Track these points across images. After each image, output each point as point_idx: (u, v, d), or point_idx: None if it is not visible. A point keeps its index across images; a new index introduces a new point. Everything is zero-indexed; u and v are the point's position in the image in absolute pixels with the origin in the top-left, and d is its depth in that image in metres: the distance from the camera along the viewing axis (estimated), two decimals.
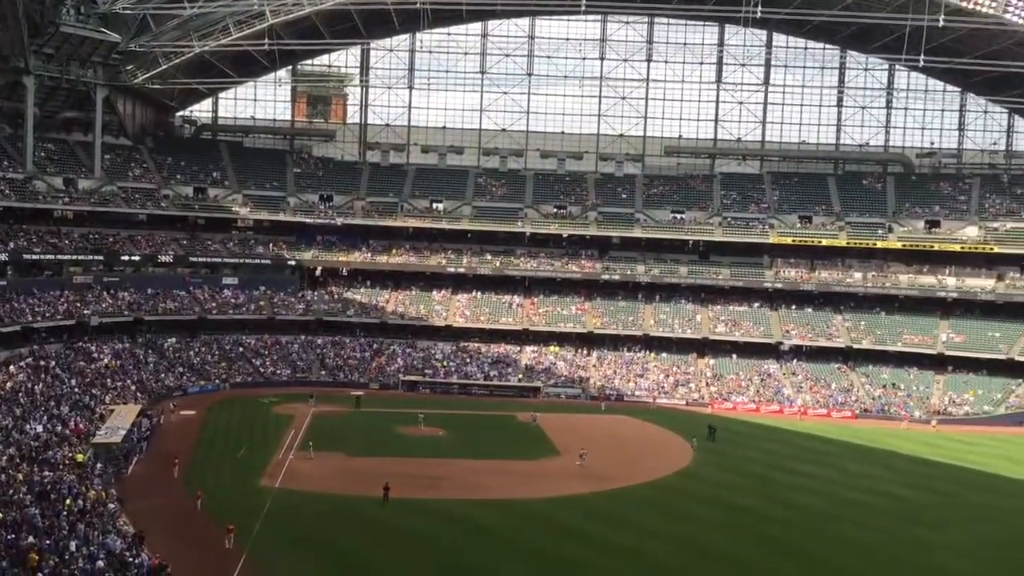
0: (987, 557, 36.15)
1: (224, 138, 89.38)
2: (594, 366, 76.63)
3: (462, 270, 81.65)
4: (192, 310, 74.30)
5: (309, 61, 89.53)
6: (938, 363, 74.68)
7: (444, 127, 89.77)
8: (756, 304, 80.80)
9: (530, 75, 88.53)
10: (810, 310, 79.91)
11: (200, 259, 78.53)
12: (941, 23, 63.86)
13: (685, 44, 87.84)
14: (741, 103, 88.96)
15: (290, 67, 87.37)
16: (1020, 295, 74.77)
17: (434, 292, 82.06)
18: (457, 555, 33.65)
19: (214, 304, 76.02)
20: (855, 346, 76.00)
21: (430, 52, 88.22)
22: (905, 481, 48.72)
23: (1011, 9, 62.63)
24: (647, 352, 78.15)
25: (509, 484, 44.80)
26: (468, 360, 76.19)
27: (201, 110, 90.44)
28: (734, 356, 77.40)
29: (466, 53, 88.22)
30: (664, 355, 77.89)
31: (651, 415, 65.05)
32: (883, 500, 44.58)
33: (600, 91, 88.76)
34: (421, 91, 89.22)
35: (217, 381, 68.88)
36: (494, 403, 67.21)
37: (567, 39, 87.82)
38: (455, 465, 48.31)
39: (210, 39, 69.29)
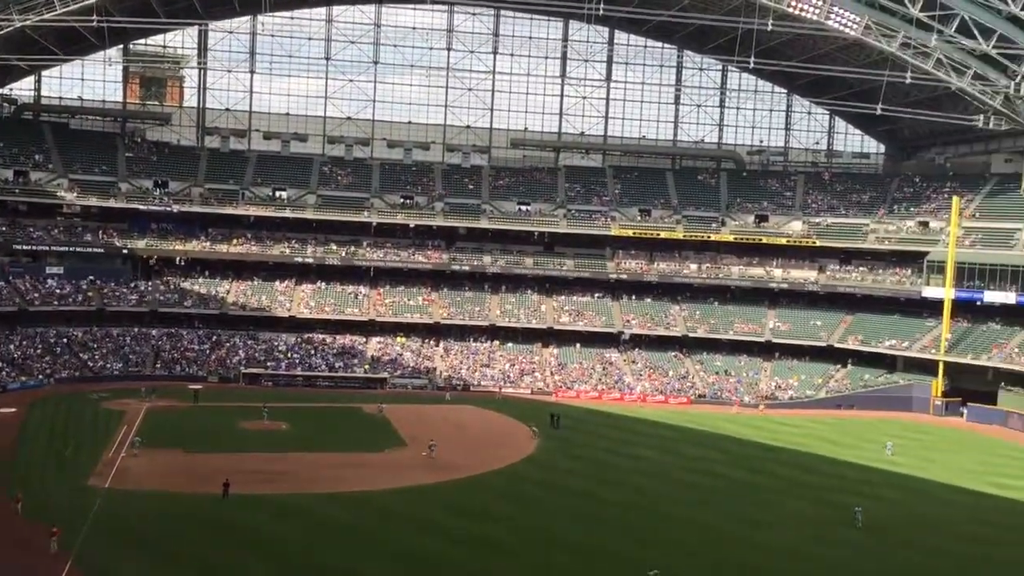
0: (804, 533, 38.42)
1: (48, 119, 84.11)
2: (441, 356, 76.78)
3: (307, 260, 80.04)
4: (12, 301, 69.70)
5: (142, 40, 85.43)
6: (766, 350, 78.94)
7: (288, 114, 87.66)
8: (599, 294, 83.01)
9: (376, 63, 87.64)
10: (649, 300, 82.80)
11: (22, 247, 73.73)
12: (770, 27, 67.27)
13: (531, 38, 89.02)
14: (585, 98, 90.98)
15: (121, 46, 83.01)
16: (840, 286, 79.87)
17: (277, 282, 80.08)
18: (303, 551, 32.99)
19: (37, 295, 71.60)
20: (691, 335, 79.30)
21: (272, 36, 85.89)
22: (735, 462, 51.27)
23: (832, 16, 66.60)
24: (493, 342, 78.97)
25: (356, 477, 44.32)
26: (313, 352, 74.82)
27: (22, 89, 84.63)
28: (577, 345, 79.26)
29: (310, 38, 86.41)
30: (510, 345, 78.91)
31: (497, 404, 65.79)
32: (715, 481, 46.77)
33: (447, 82, 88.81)
34: (263, 76, 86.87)
35: (40, 377, 64.98)
36: (339, 395, 66.34)
37: (414, 28, 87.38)
38: (300, 459, 47.39)
39: (32, 13, 64.90)
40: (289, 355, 73.80)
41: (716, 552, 35.32)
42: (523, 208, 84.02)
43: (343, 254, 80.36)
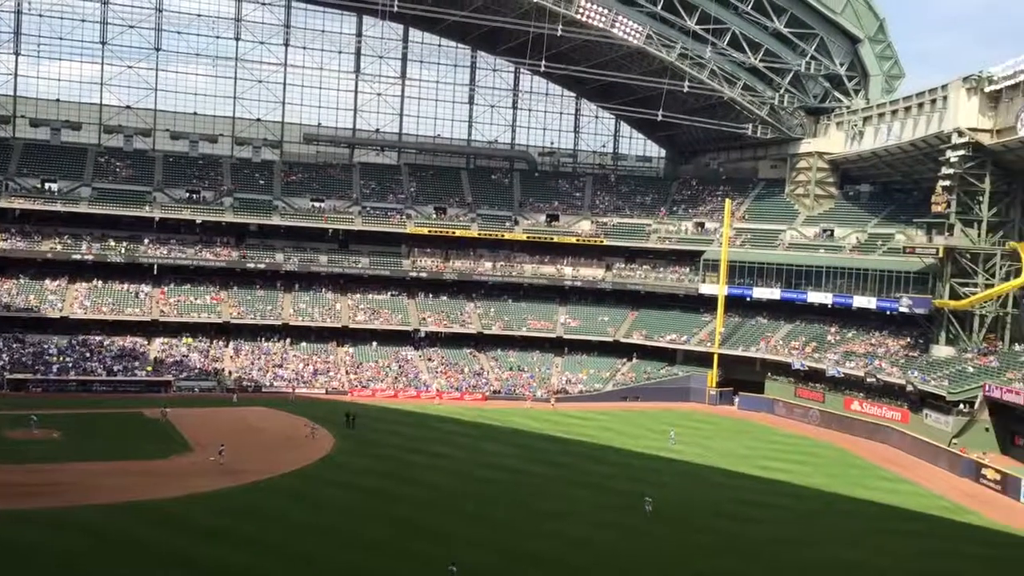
0: (594, 521, 40.05)
1: None
2: (231, 357, 74.00)
3: (82, 257, 74.80)
4: None
5: None
6: (557, 346, 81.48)
7: (58, 100, 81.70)
8: (394, 292, 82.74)
9: (158, 50, 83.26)
10: (445, 298, 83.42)
11: None
12: (560, 32, 69.64)
13: (323, 32, 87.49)
14: (380, 95, 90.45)
15: None
16: (625, 283, 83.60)
17: (47, 281, 74.29)
18: (79, 566, 30.86)
19: None
20: (486, 332, 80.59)
21: (40, 16, 79.72)
22: (529, 456, 52.59)
23: (617, 25, 69.65)
24: (286, 341, 76.97)
25: (138, 485, 41.85)
26: (88, 355, 70.06)
27: None
28: (374, 344, 78.67)
29: (84, 20, 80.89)
30: (304, 344, 77.18)
31: (290, 405, 64.15)
32: (509, 475, 47.81)
33: (236, 73, 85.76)
34: (30, 58, 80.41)
35: None
36: (119, 400, 62.59)
37: (199, 15, 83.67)
38: (75, 469, 44.26)
39: None
40: (61, 359, 68.73)
41: (510, 544, 36.10)
42: (317, 205, 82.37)
43: (122, 250, 75.71)
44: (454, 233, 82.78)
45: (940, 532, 41.63)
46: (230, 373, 71.28)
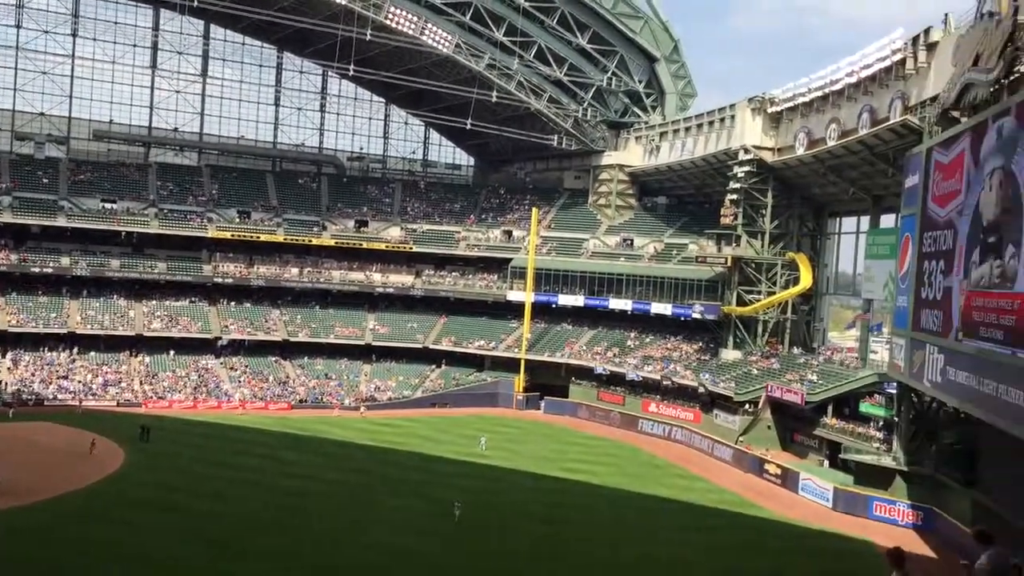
0: (407, 528, 39.89)
1: None
2: (9, 369, 68.37)
3: None
4: None
5: None
6: (366, 353, 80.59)
7: None
8: (194, 299, 79.16)
9: None
10: (249, 305, 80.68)
11: None
12: (368, 37, 69.02)
13: (116, 23, 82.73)
14: (178, 92, 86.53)
15: None
16: (434, 291, 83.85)
17: None
18: None
19: None
20: (292, 339, 78.58)
21: None
22: (337, 465, 51.70)
23: (427, 32, 69.89)
24: (73, 351, 71.94)
25: None
26: None
27: None
28: (171, 352, 74.89)
29: None
30: (93, 354, 72.41)
31: (77, 419, 59.94)
32: (317, 485, 46.76)
33: (16, 62, 79.59)
34: None
35: None
36: None
37: None
38: None
39: None
40: None
41: (319, 556, 35.28)
42: (108, 206, 77.46)
43: None
44: (259, 238, 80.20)
45: (729, 525, 44.22)
46: (7, 385, 65.82)
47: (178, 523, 38.43)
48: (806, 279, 65.21)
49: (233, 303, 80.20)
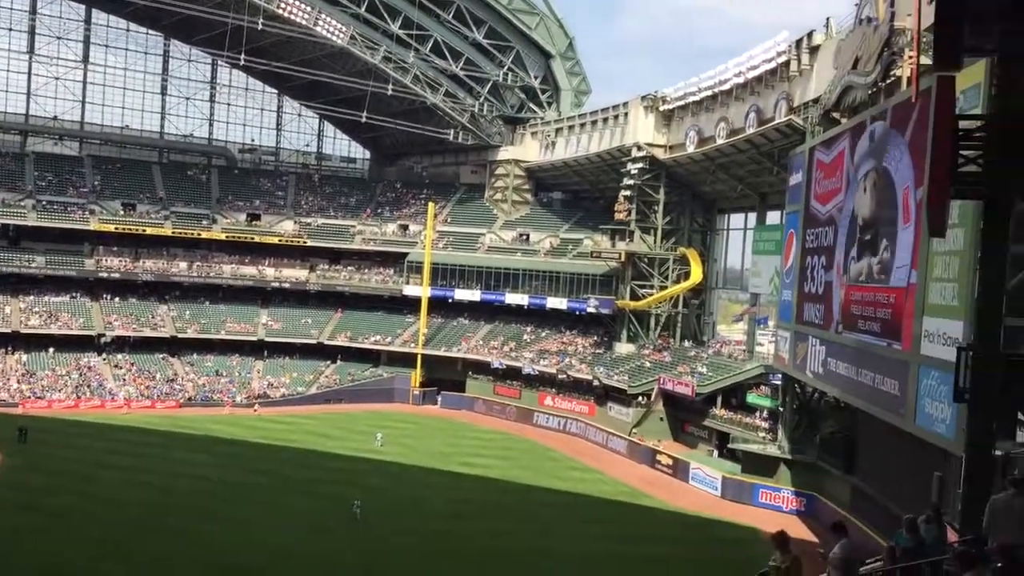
0: (301, 527, 39.27)
1: None
2: None
3: None
4: None
5: None
6: (258, 349, 78.86)
7: None
8: (75, 294, 75.99)
9: None
10: (135, 300, 77.88)
11: None
12: (260, 26, 67.55)
13: None
14: (58, 79, 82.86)
15: None
16: (329, 285, 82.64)
17: None
18: None
19: None
20: (180, 336, 76.25)
21: None
22: (228, 464, 50.44)
23: (320, 23, 68.80)
24: None
25: None
26: None
27: None
28: (51, 350, 71.73)
29: None
30: None
31: None
32: (207, 485, 45.59)
33: None
34: None
35: None
36: None
37: None
38: None
39: None
40: None
41: (212, 557, 34.40)
42: None
43: None
44: (145, 231, 77.43)
45: (622, 516, 45.13)
46: None
47: (60, 527, 36.94)
48: (696, 274, 66.92)
49: (117, 298, 77.30)
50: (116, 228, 76.29)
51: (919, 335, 27.75)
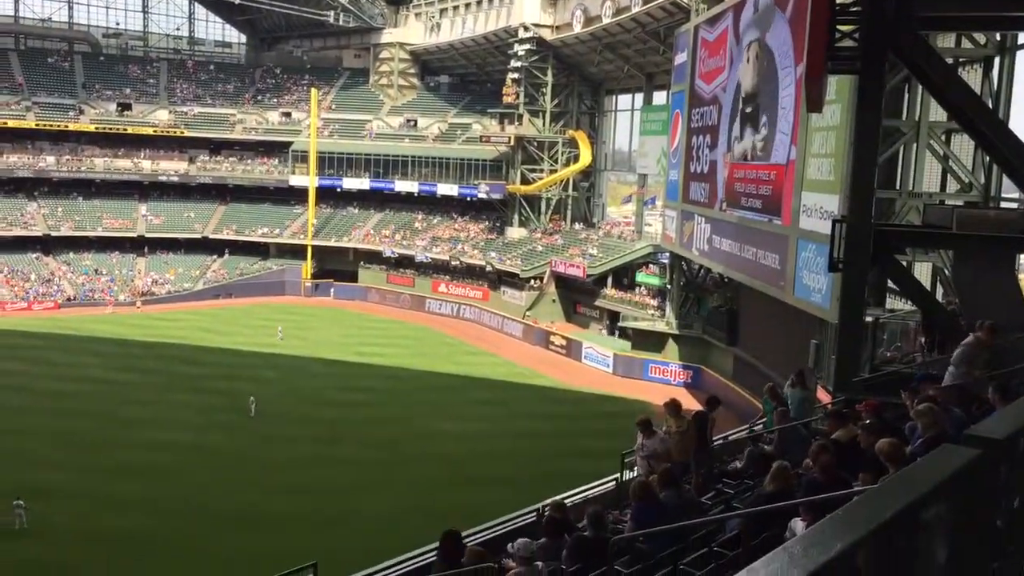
0: (190, 424, 38.80)
1: None
2: None
3: None
4: None
5: None
6: (139, 245, 76.01)
7: None
8: None
9: None
10: (1, 197, 73.62)
11: None
12: None
13: None
14: None
15: None
16: (210, 176, 79.66)
17: None
18: None
19: None
20: (54, 234, 72.77)
21: None
22: (115, 364, 49.18)
23: None
24: None
25: None
26: None
27: None
28: None
29: None
30: None
31: None
32: (91, 386, 44.37)
33: None
34: None
35: None
36: None
37: None
38: None
39: None
40: None
41: (97, 459, 33.72)
42: None
43: None
44: (6, 124, 72.61)
45: (521, 397, 46.15)
46: None
47: None
48: (586, 156, 67.11)
49: None
50: None
51: (798, 210, 28.61)
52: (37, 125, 73.74)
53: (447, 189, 73.89)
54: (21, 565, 24.51)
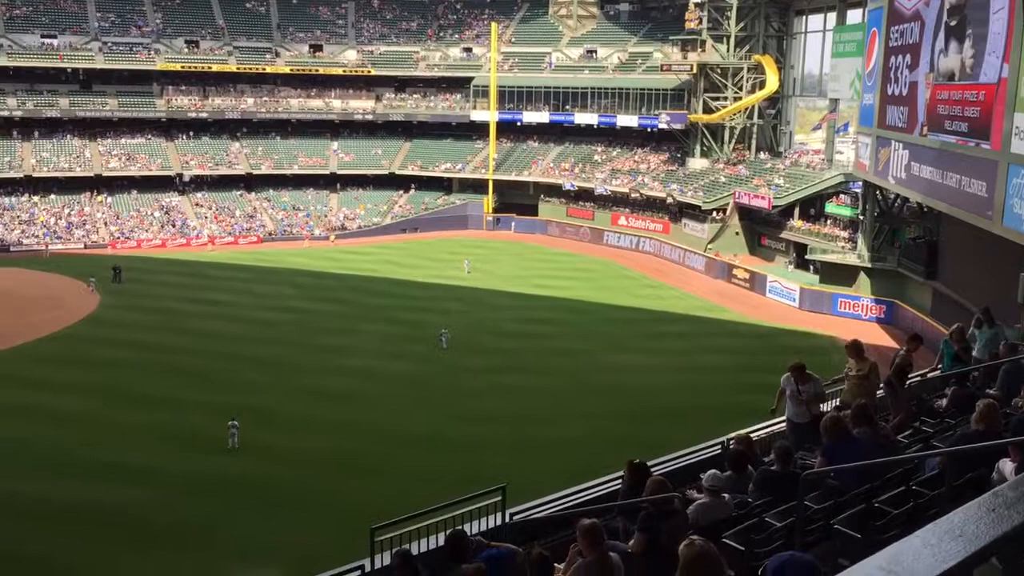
0: (382, 352, 40.65)
1: None
2: None
3: None
4: None
5: None
6: (331, 182, 79.62)
7: None
8: (150, 135, 77.13)
9: None
10: (207, 138, 78.76)
11: None
12: None
13: None
14: None
15: None
16: (396, 114, 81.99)
17: None
18: None
19: None
20: (255, 172, 77.31)
21: None
22: (311, 295, 52.09)
23: None
24: (32, 195, 70.56)
25: None
26: None
27: None
28: (134, 192, 73.69)
29: None
30: (53, 197, 71.11)
31: (44, 264, 59.59)
32: (290, 315, 47.27)
33: None
34: None
35: None
36: None
37: None
38: None
39: None
40: None
41: (297, 383, 36.04)
42: (49, 42, 73.91)
43: None
44: (211, 68, 77.30)
45: (702, 331, 45.53)
46: None
47: (157, 359, 38.95)
48: (772, 82, 64.25)
49: (190, 137, 78.26)
50: (182, 67, 76.24)
51: (1010, 132, 26.37)
52: (238, 69, 77.97)
53: (627, 120, 72.83)
54: (234, 480, 26.67)
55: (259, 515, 24.37)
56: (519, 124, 78.10)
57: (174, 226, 70.68)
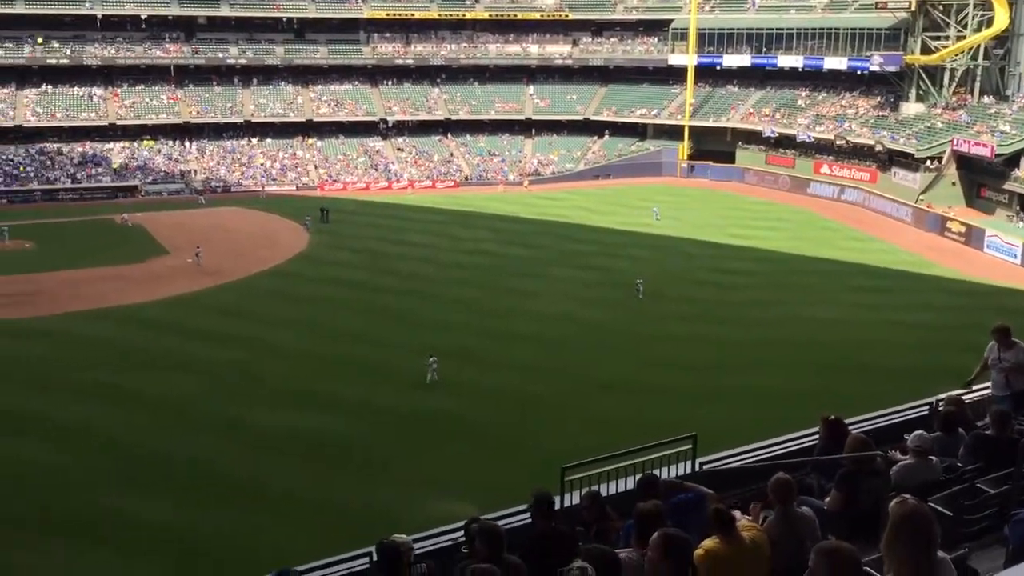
0: (574, 297, 40.96)
1: None
2: (195, 158, 72.67)
3: (25, 61, 71.57)
4: None
5: None
6: (526, 128, 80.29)
7: None
8: (356, 82, 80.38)
9: None
10: (409, 84, 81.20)
11: None
12: None
13: None
14: None
15: None
16: (592, 58, 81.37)
17: None
18: (60, 371, 31.43)
19: None
20: (453, 117, 79.09)
21: None
22: (505, 239, 53.02)
23: None
24: (250, 139, 75.42)
25: (117, 290, 42.11)
26: (50, 163, 68.55)
27: None
28: (340, 136, 77.28)
29: None
30: (269, 140, 75.71)
31: (261, 203, 63.79)
32: (486, 259, 48.38)
33: None
34: None
35: None
36: (86, 208, 61.84)
37: None
38: (52, 278, 44.38)
39: None
40: (23, 169, 67.27)
41: (491, 325, 36.91)
42: None
43: (68, 52, 72.39)
44: (414, 15, 79.38)
45: (908, 286, 43.01)
46: (196, 174, 70.25)
47: (360, 297, 40.99)
48: (1002, 19, 58.83)
49: (393, 83, 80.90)
50: (387, 14, 78.70)
51: None
52: (439, 15, 79.66)
53: (835, 63, 68.95)
54: (431, 414, 27.83)
55: (452, 449, 25.35)
56: (718, 68, 75.67)
57: (377, 170, 73.68)
